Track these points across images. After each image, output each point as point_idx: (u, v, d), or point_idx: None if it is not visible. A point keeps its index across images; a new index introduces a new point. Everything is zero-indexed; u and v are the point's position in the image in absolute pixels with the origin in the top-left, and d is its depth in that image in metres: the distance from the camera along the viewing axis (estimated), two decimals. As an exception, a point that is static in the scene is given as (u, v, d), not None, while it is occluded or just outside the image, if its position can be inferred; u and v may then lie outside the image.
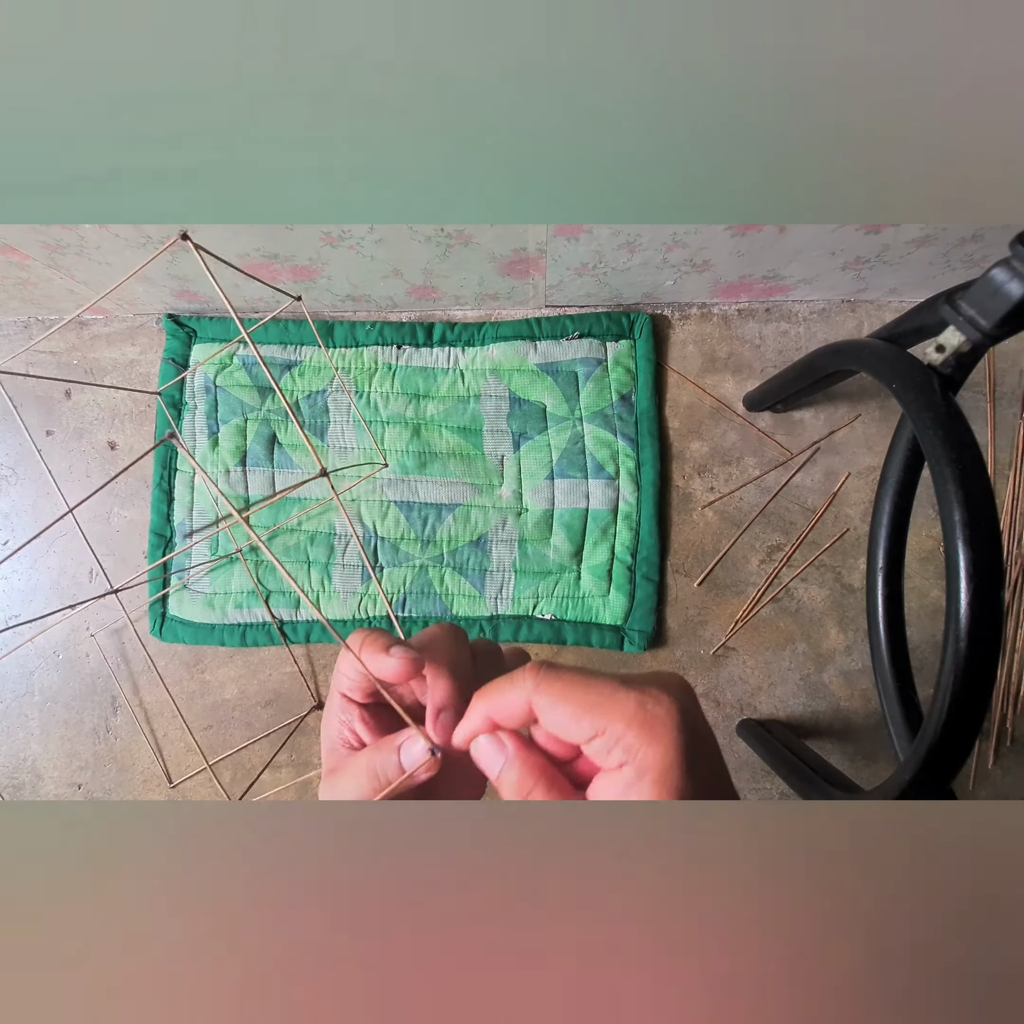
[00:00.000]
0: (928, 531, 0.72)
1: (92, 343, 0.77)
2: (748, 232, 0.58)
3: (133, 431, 0.76)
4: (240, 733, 0.73)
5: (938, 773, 0.39)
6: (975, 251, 0.61)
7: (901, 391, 0.42)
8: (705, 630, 0.72)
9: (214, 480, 0.74)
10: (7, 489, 0.76)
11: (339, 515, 0.73)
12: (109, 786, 0.74)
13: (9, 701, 0.74)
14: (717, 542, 0.73)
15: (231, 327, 0.75)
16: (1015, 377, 0.73)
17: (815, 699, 0.72)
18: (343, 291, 0.70)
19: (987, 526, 0.37)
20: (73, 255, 0.61)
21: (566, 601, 0.72)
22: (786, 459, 0.73)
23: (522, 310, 0.75)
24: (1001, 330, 0.39)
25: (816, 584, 0.72)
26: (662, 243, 0.60)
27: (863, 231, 0.57)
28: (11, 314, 0.77)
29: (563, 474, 0.72)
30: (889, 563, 0.61)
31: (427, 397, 0.74)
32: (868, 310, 0.74)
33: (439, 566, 0.72)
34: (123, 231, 0.57)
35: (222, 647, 0.73)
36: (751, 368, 0.74)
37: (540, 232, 0.58)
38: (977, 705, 0.37)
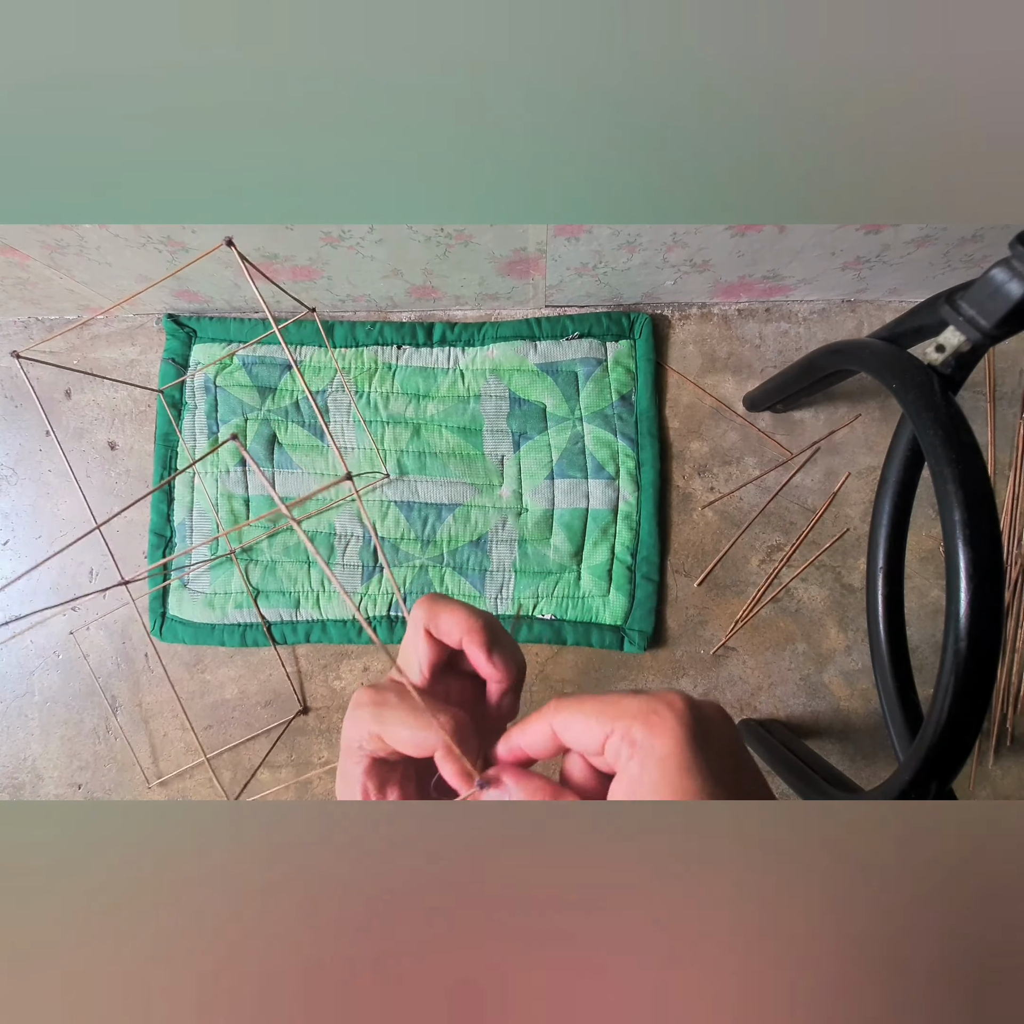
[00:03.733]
0: (928, 531, 0.72)
1: (92, 343, 0.77)
2: (748, 232, 0.58)
3: (133, 431, 0.76)
4: (240, 733, 0.73)
5: (938, 773, 0.39)
6: (975, 251, 0.61)
7: (901, 391, 0.42)
8: (705, 630, 0.72)
9: (214, 481, 0.74)
10: (7, 489, 0.76)
11: (339, 515, 0.73)
12: (109, 786, 0.74)
13: (9, 701, 0.74)
14: (717, 542, 0.73)
15: (231, 327, 0.75)
16: (1015, 377, 0.73)
17: (815, 699, 0.72)
18: (343, 291, 0.70)
19: (987, 526, 0.37)
20: (73, 255, 0.61)
21: (566, 601, 0.72)
22: (786, 459, 0.73)
23: (522, 310, 0.75)
24: (1001, 330, 0.39)
25: (816, 584, 0.72)
26: (662, 243, 0.60)
27: (863, 231, 0.57)
28: (11, 314, 0.77)
29: (563, 474, 0.72)
30: (889, 563, 0.61)
31: (427, 397, 0.74)
32: (868, 310, 0.74)
33: (439, 566, 0.72)
34: (123, 231, 0.57)
35: (222, 647, 0.73)
36: (751, 368, 0.74)
37: (540, 232, 0.58)
38: (977, 705, 0.37)
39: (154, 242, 0.59)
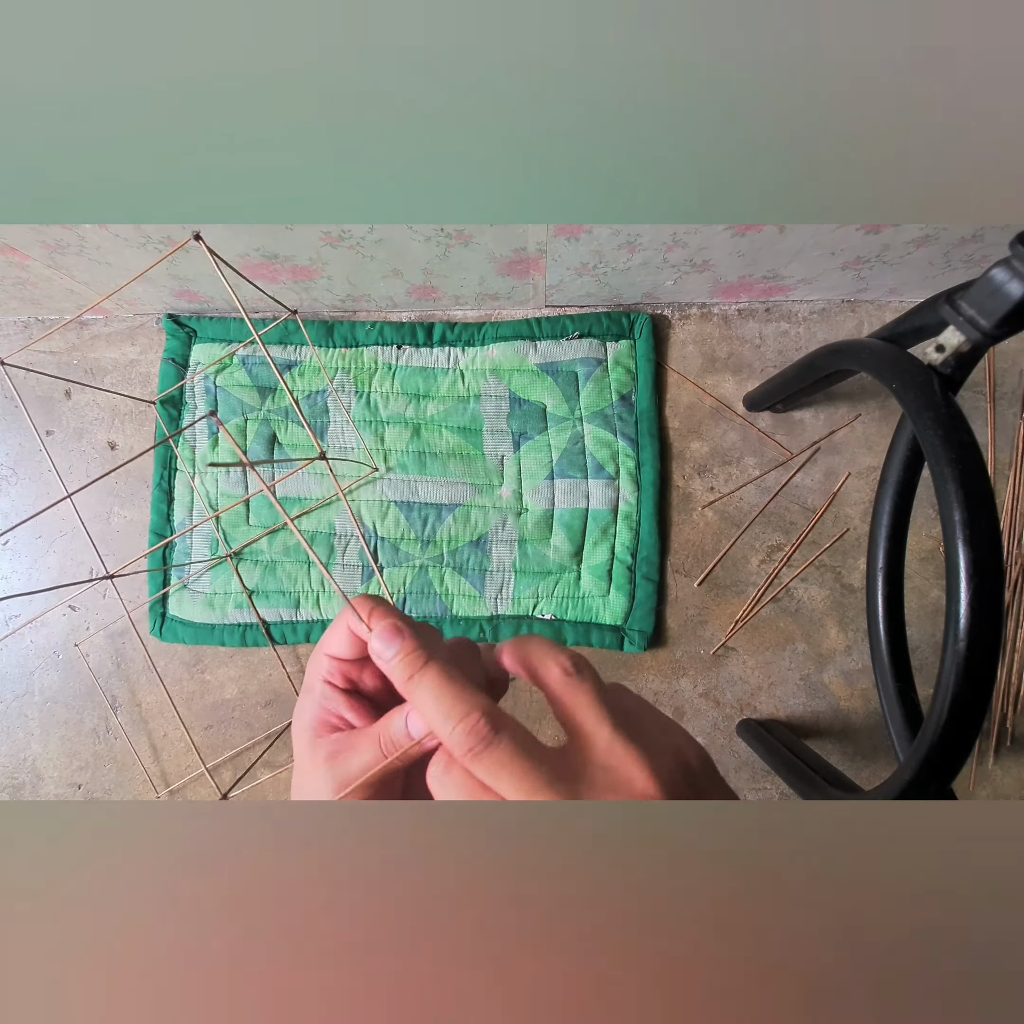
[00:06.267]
0: (928, 531, 0.72)
1: (92, 343, 0.77)
2: (748, 232, 0.58)
3: (133, 431, 0.76)
4: (240, 733, 0.73)
5: (938, 773, 0.39)
6: (975, 251, 0.61)
7: (901, 391, 0.42)
8: (705, 630, 0.72)
9: (214, 481, 0.74)
10: (7, 489, 0.76)
11: (339, 515, 0.73)
12: (109, 786, 0.74)
13: (9, 701, 0.74)
14: (717, 542, 0.73)
15: (231, 327, 0.75)
16: (1015, 377, 0.73)
17: (815, 699, 0.72)
18: (343, 291, 0.70)
19: (987, 526, 0.37)
20: (73, 255, 0.61)
21: (566, 601, 0.72)
22: (786, 459, 0.73)
23: (522, 310, 0.75)
24: (1001, 330, 0.39)
25: (816, 584, 0.72)
26: (662, 243, 0.60)
27: (863, 231, 0.57)
28: (11, 314, 0.77)
29: (563, 474, 0.72)
30: (889, 563, 0.61)
31: (427, 397, 0.74)
32: (868, 310, 0.74)
33: (439, 566, 0.72)
34: (123, 231, 0.57)
35: (222, 647, 0.73)
36: (751, 368, 0.74)
37: (540, 232, 0.58)
38: (977, 705, 0.37)
39: (154, 242, 0.59)
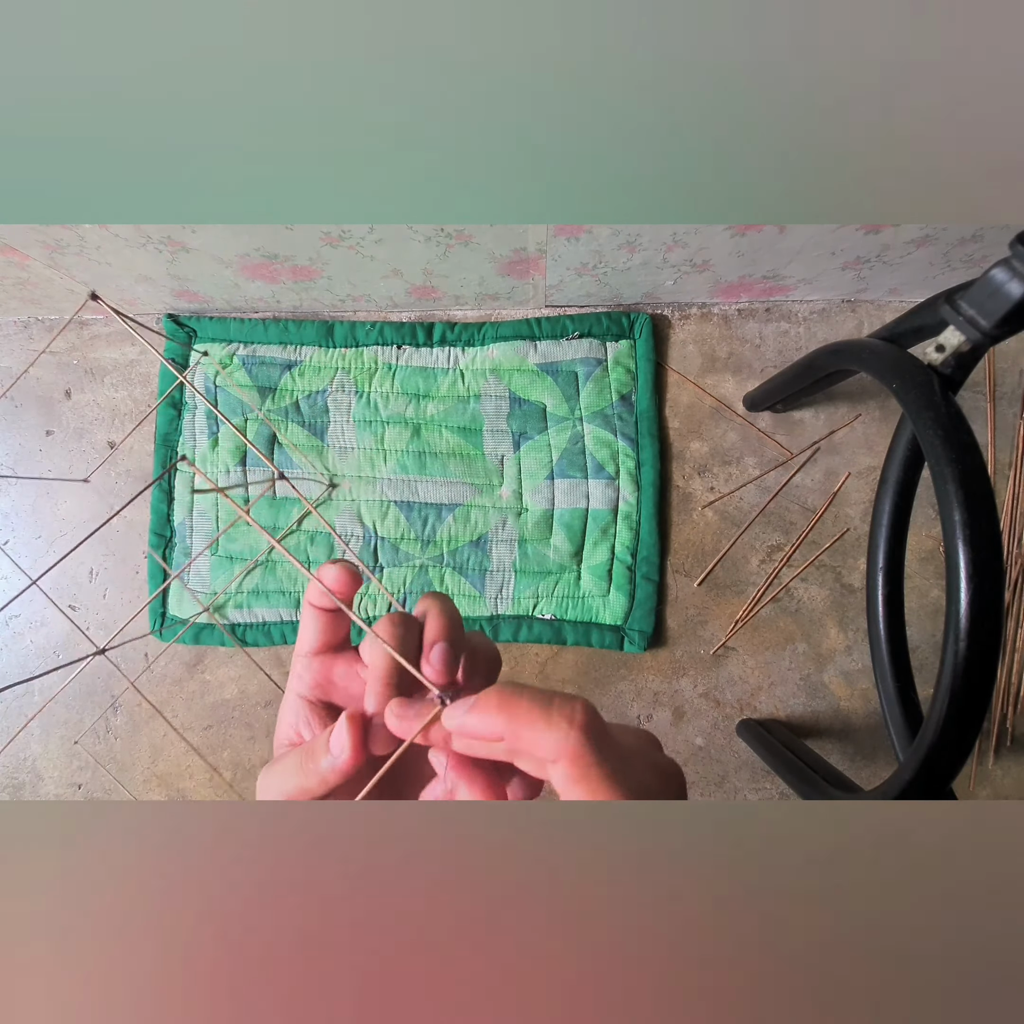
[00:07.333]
0: (928, 531, 0.72)
1: (92, 343, 0.77)
2: (748, 232, 0.58)
3: (133, 431, 0.76)
4: (240, 733, 0.73)
5: (938, 773, 0.39)
6: (975, 251, 0.61)
7: (901, 391, 0.42)
8: (705, 630, 0.72)
9: (214, 480, 0.74)
10: (7, 489, 0.76)
11: (339, 515, 0.73)
12: (109, 786, 0.74)
13: (9, 701, 0.74)
14: (717, 542, 0.73)
15: (231, 327, 0.75)
16: (1015, 377, 0.73)
17: (815, 699, 0.72)
18: (343, 291, 0.70)
19: (987, 526, 0.37)
20: (73, 255, 0.61)
21: (566, 601, 0.72)
22: (786, 459, 0.73)
23: (522, 310, 0.75)
24: (1001, 330, 0.39)
25: (816, 584, 0.72)
26: (662, 243, 0.60)
27: (863, 231, 0.57)
28: (11, 314, 0.77)
29: (563, 474, 0.72)
30: (889, 563, 0.61)
31: (427, 397, 0.74)
32: (868, 310, 0.74)
33: (439, 566, 0.72)
34: (123, 231, 0.57)
35: (222, 647, 0.73)
36: (751, 368, 0.74)
37: (540, 232, 0.58)
38: (977, 705, 0.37)
39: (154, 242, 0.59)
